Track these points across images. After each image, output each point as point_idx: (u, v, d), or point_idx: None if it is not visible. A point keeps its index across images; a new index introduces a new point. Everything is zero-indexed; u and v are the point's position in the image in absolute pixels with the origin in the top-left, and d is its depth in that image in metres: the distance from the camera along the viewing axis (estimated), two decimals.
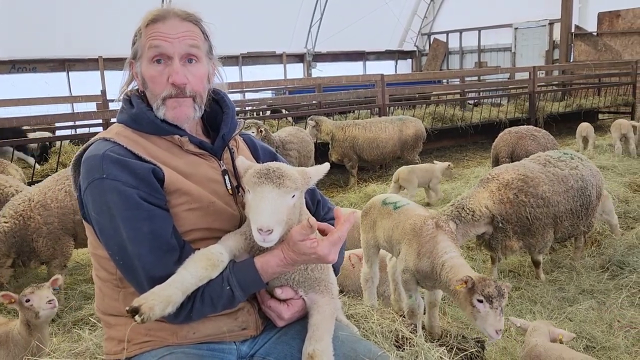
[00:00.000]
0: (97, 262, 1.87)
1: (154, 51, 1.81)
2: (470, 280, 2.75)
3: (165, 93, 1.82)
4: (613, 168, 8.27)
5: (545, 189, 4.60)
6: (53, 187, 4.71)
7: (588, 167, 4.99)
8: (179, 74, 1.81)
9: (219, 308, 1.73)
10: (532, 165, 4.88)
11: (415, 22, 24.42)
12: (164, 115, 1.84)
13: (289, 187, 1.63)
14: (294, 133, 8.28)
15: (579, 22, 18.67)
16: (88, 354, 2.25)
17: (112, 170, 1.69)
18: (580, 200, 4.81)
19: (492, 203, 4.54)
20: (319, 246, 1.67)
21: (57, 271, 4.72)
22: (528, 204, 4.53)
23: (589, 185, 4.86)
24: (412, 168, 7.64)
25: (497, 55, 22.12)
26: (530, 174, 4.66)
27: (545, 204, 4.58)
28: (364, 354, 1.82)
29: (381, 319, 2.45)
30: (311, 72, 21.79)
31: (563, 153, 5.14)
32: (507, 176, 4.68)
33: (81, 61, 17.13)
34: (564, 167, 4.85)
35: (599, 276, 4.73)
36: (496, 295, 2.70)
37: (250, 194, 1.65)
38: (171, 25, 1.82)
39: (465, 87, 14.77)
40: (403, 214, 3.39)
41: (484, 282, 2.73)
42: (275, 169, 1.65)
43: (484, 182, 4.79)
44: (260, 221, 1.57)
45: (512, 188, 4.58)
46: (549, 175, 4.72)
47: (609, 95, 14.88)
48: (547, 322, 3.31)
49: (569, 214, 4.74)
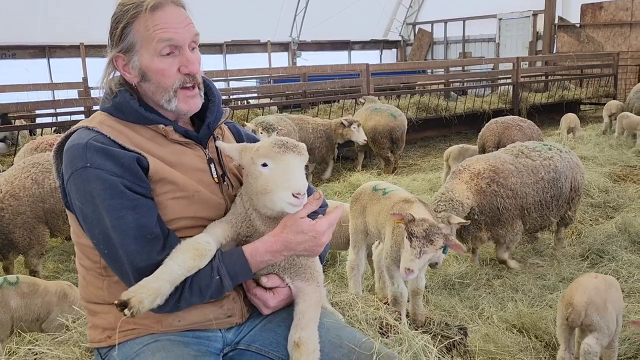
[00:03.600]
0: (80, 250, 1.86)
1: (165, 44, 1.75)
2: (411, 217, 2.76)
3: (177, 84, 1.79)
4: (594, 158, 8.41)
5: (513, 181, 4.60)
6: (19, 175, 4.57)
7: (566, 159, 4.95)
8: (194, 63, 1.79)
9: (207, 297, 1.73)
10: (503, 156, 4.85)
11: (401, 12, 24.41)
12: (176, 107, 1.82)
13: (305, 155, 1.73)
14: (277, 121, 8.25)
15: (563, 13, 18.83)
16: (72, 342, 2.24)
17: (95, 159, 1.67)
18: (551, 192, 4.78)
19: (472, 194, 4.54)
20: (318, 224, 1.74)
21: (35, 260, 4.67)
22: (499, 194, 4.54)
23: (561, 177, 4.82)
24: (463, 147, 7.60)
25: (481, 46, 22.24)
26: (500, 165, 4.65)
27: (514, 195, 4.58)
28: (348, 341, 1.84)
29: (365, 306, 2.47)
30: (296, 61, 21.69)
31: (542, 144, 5.09)
32: (478, 166, 4.68)
33: (62, 48, 16.83)
34: (537, 157, 4.82)
35: (579, 264, 4.82)
36: (420, 236, 2.70)
37: (271, 165, 1.68)
38: (171, 13, 1.77)
39: (450, 77, 14.83)
40: (389, 199, 3.42)
41: (419, 222, 2.74)
42: (287, 140, 1.73)
43: (456, 174, 4.76)
44: (296, 185, 1.63)
45: (484, 178, 4.58)
46: (518, 167, 4.70)
47: (591, 86, 15.05)
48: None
49: (537, 205, 4.73)
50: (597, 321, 3.00)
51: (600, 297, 3.06)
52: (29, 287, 3.29)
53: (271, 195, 1.67)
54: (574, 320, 2.99)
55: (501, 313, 3.95)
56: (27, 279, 3.38)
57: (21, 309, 3.21)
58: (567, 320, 3.03)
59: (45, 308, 3.27)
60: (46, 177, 4.58)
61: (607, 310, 3.05)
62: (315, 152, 8.51)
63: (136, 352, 1.75)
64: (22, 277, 3.37)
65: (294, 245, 1.74)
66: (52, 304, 3.29)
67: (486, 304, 4.12)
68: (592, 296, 3.03)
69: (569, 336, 3.12)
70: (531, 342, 3.57)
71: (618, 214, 5.91)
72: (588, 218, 6.02)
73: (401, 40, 24.98)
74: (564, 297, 3.12)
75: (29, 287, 3.29)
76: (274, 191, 1.66)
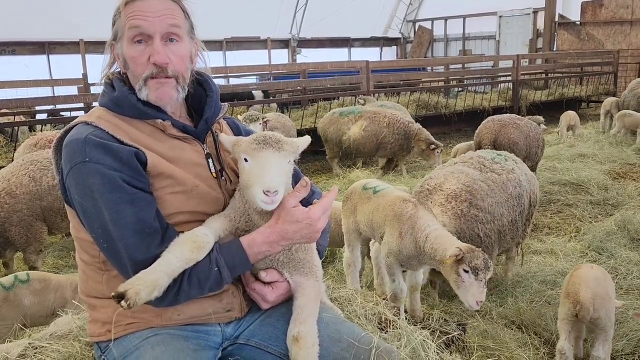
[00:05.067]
0: (80, 245, 1.87)
1: (134, 31, 1.77)
2: (460, 251, 2.79)
3: (146, 73, 1.79)
4: (594, 156, 8.40)
5: (490, 202, 3.91)
6: (17, 172, 4.53)
7: (523, 171, 4.43)
8: (160, 53, 1.77)
9: (206, 290, 1.74)
10: (470, 171, 4.13)
11: (401, 9, 24.38)
12: (147, 97, 1.81)
13: (288, 151, 1.70)
14: (276, 118, 8.27)
15: (563, 11, 18.81)
16: (72, 337, 2.24)
17: (95, 154, 1.68)
18: (519, 209, 4.18)
19: (448, 219, 3.70)
20: (311, 211, 1.75)
21: (34, 257, 4.65)
22: (479, 220, 3.80)
23: (524, 193, 4.25)
24: (472, 144, 7.56)
25: (481, 44, 22.22)
26: (474, 185, 3.92)
27: (492, 218, 3.89)
28: (348, 336, 1.84)
29: (365, 302, 2.47)
30: (296, 58, 21.67)
31: (496, 154, 4.52)
32: (452, 186, 3.90)
33: (62, 44, 16.81)
34: (501, 171, 4.21)
35: (579, 261, 4.82)
36: (482, 267, 2.74)
37: (250, 161, 1.69)
38: (150, 4, 1.77)
39: (450, 74, 14.82)
40: (382, 198, 3.42)
41: (472, 254, 2.77)
42: (271, 135, 1.72)
43: (425, 194, 3.95)
44: (267, 182, 1.63)
45: (462, 200, 3.80)
46: (489, 184, 4.04)
47: (591, 84, 15.05)
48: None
49: (511, 226, 4.10)
50: (604, 316, 3.03)
51: (602, 287, 3.09)
52: (41, 283, 3.28)
53: (249, 190, 1.69)
54: (584, 317, 3.02)
55: (500, 309, 3.96)
56: (39, 275, 3.37)
57: (35, 306, 3.21)
58: (576, 317, 3.06)
59: (60, 302, 3.27)
60: (44, 175, 4.54)
61: (610, 299, 3.09)
62: (387, 147, 8.24)
63: (136, 346, 1.76)
64: (32, 273, 3.36)
65: (290, 235, 1.74)
66: (66, 298, 3.28)
67: (485, 300, 4.12)
68: (595, 289, 3.06)
69: (570, 329, 3.14)
70: (530, 338, 3.57)
71: (617, 212, 5.91)
72: (588, 215, 6.02)
73: (401, 37, 24.95)
74: (568, 293, 3.12)
75: (41, 283, 3.28)
76: (251, 187, 1.67)
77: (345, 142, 8.38)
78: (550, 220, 6.02)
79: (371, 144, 8.26)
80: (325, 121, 8.76)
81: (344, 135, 8.40)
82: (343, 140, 8.41)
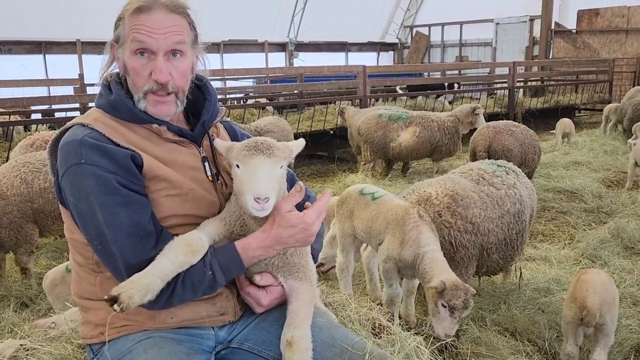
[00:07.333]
0: (73, 246, 1.86)
1: (137, 45, 1.75)
2: (442, 285, 2.85)
3: (147, 87, 1.78)
4: (588, 164, 8.44)
5: (475, 213, 3.71)
6: (8, 174, 4.46)
7: (524, 185, 4.20)
8: (162, 72, 1.75)
9: (199, 294, 1.73)
10: (462, 181, 3.96)
11: (398, 15, 24.48)
12: (144, 109, 1.81)
13: (279, 156, 1.70)
14: (274, 122, 8.27)
15: (559, 19, 18.93)
16: (64, 339, 2.23)
17: (90, 155, 1.67)
18: (517, 227, 3.92)
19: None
20: (306, 215, 1.75)
21: (25, 258, 4.59)
22: (454, 227, 3.62)
23: (526, 209, 4.01)
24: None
25: (478, 50, 22.34)
26: (460, 192, 3.77)
27: (474, 230, 3.69)
28: (341, 340, 1.84)
29: (358, 307, 2.47)
30: (293, 61, 21.71)
31: (497, 166, 4.29)
32: (430, 189, 3.81)
33: (58, 44, 16.78)
34: (500, 185, 3.98)
35: (572, 268, 4.84)
36: (460, 308, 2.84)
37: (241, 167, 1.69)
38: (157, 18, 1.75)
39: (446, 80, 14.86)
40: (383, 205, 3.43)
41: (454, 292, 2.85)
42: (262, 141, 1.72)
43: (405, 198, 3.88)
44: (257, 189, 1.62)
45: (433, 204, 3.68)
46: (482, 197, 3.83)
47: (586, 92, 15.13)
48: None
49: (500, 245, 3.85)
50: (609, 321, 3.04)
51: (608, 292, 3.09)
52: None
53: (241, 197, 1.69)
54: (589, 321, 3.02)
55: (494, 316, 3.96)
56: None
57: None
58: (581, 321, 3.06)
59: None
60: (35, 177, 4.48)
61: (615, 305, 3.10)
62: (442, 150, 8.23)
63: (128, 348, 1.75)
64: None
65: (285, 239, 1.74)
66: None
67: (478, 306, 4.13)
68: (602, 294, 3.05)
69: (576, 331, 3.14)
70: (523, 345, 3.57)
71: (611, 219, 5.93)
72: (581, 223, 6.04)
73: (398, 42, 25.04)
74: (575, 297, 3.10)
75: None
76: (242, 193, 1.67)
77: (394, 149, 8.16)
78: (544, 227, 6.03)
79: (425, 150, 8.21)
80: (371, 124, 8.31)
81: (392, 141, 8.14)
82: (391, 147, 8.17)
